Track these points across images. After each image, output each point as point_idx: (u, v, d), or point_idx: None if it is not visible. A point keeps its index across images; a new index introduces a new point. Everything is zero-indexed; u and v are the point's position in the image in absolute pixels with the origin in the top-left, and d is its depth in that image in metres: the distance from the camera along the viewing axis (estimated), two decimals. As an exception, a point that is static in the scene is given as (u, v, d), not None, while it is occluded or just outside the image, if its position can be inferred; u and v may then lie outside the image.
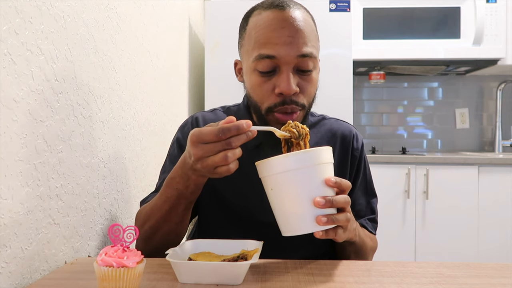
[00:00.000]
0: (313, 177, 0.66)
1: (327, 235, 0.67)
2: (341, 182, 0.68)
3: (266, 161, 0.67)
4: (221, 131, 0.64)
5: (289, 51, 0.77)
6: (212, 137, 0.64)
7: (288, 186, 0.66)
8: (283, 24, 0.77)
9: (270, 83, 0.79)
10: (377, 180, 1.05)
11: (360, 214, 0.94)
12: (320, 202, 0.64)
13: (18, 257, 0.65)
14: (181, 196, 0.75)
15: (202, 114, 0.96)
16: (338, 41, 2.04)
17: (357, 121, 2.81)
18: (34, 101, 0.68)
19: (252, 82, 0.81)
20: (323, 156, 0.68)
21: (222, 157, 0.64)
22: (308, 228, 0.66)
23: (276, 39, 0.77)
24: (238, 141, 0.64)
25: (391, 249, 2.18)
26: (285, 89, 0.77)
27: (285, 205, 0.67)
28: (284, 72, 0.77)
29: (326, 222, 0.65)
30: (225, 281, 0.64)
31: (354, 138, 0.95)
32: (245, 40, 0.83)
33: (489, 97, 2.80)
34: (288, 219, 0.68)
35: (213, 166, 0.66)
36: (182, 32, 1.84)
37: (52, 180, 0.74)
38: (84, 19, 0.86)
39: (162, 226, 0.79)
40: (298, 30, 0.77)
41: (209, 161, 0.65)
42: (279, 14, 0.78)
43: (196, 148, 0.66)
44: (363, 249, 0.86)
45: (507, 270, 0.73)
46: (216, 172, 0.66)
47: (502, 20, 2.35)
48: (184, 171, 0.72)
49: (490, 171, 2.20)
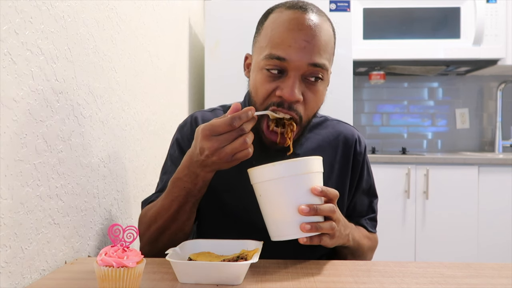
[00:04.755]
0: (300, 185, 0.69)
1: (312, 241, 0.70)
2: (327, 191, 0.70)
3: (256, 169, 0.71)
4: (234, 119, 0.67)
5: (301, 56, 0.74)
6: (225, 127, 0.68)
7: (275, 193, 0.70)
8: (301, 26, 0.75)
9: (273, 83, 0.77)
10: (377, 180, 1.05)
11: (362, 215, 0.97)
12: (304, 210, 0.67)
13: (18, 257, 0.65)
14: (189, 195, 0.77)
15: (201, 113, 0.96)
16: (338, 41, 2.02)
17: (357, 121, 2.81)
18: (34, 101, 0.68)
19: (256, 79, 0.79)
20: (311, 166, 0.70)
21: (241, 142, 0.68)
22: (293, 234, 0.69)
23: (291, 41, 0.74)
24: (249, 126, 0.69)
25: (391, 249, 2.18)
26: (288, 95, 0.74)
27: (272, 211, 0.71)
28: (291, 78, 0.75)
29: (309, 229, 0.68)
30: (225, 281, 0.64)
31: (357, 142, 0.95)
32: (261, 36, 0.80)
33: (489, 97, 2.80)
34: (275, 224, 0.71)
35: (232, 154, 0.69)
36: (182, 32, 1.84)
37: (52, 180, 0.74)
38: (84, 19, 0.85)
39: (170, 226, 0.80)
40: (315, 36, 0.75)
41: (227, 149, 0.68)
42: (299, 15, 0.76)
43: (211, 141, 0.68)
44: (359, 251, 0.88)
45: (507, 270, 0.73)
46: (235, 159, 0.69)
47: (502, 20, 2.35)
48: (192, 169, 0.74)
49: (490, 171, 2.20)
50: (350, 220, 0.91)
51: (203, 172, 0.73)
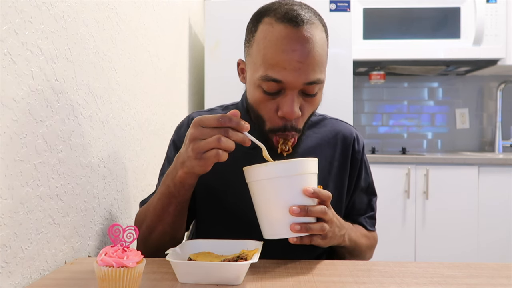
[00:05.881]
0: (293, 186, 0.70)
1: (302, 241, 0.71)
2: (319, 192, 0.70)
3: (251, 167, 0.71)
4: (223, 117, 0.68)
5: (297, 78, 0.74)
6: (212, 121, 0.68)
7: (268, 193, 0.70)
8: (294, 47, 0.73)
9: (274, 102, 0.77)
10: (377, 180, 1.06)
11: (360, 213, 0.98)
12: (294, 211, 0.68)
13: (18, 257, 0.65)
14: (171, 195, 0.77)
15: (198, 114, 0.97)
16: (338, 41, 2.04)
17: (357, 121, 2.81)
18: (34, 101, 0.68)
19: (256, 97, 0.79)
20: (305, 167, 0.71)
21: (215, 139, 0.67)
22: (284, 234, 0.70)
23: (285, 63, 0.73)
24: (234, 135, 0.68)
25: (391, 249, 2.18)
26: (288, 114, 0.75)
27: (265, 210, 0.72)
28: (289, 96, 0.75)
29: (299, 230, 0.69)
30: (225, 281, 0.64)
31: (355, 140, 0.95)
32: (253, 49, 0.78)
33: (489, 97, 2.80)
34: (267, 223, 0.72)
35: (204, 149, 0.68)
36: (182, 32, 1.84)
37: (52, 180, 0.74)
38: (84, 19, 0.85)
39: (156, 226, 0.81)
40: (309, 53, 0.74)
41: (202, 143, 0.68)
42: (291, 32, 0.73)
43: (195, 129, 0.69)
44: (356, 250, 0.89)
45: (507, 270, 0.73)
46: (205, 157, 0.68)
47: (502, 20, 2.35)
48: (175, 165, 0.75)
49: (490, 171, 2.20)
50: (349, 218, 0.92)
51: (181, 170, 0.73)
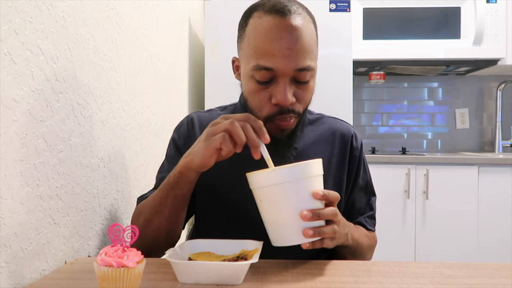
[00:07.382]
0: (300, 190, 0.68)
1: (314, 245, 0.70)
2: (328, 194, 0.70)
3: (255, 174, 0.70)
4: (248, 114, 0.72)
5: (287, 64, 0.76)
6: (238, 115, 0.72)
7: (276, 200, 0.68)
8: (282, 34, 0.75)
9: (267, 91, 0.79)
10: (377, 180, 1.05)
11: (360, 212, 0.97)
12: (307, 216, 0.67)
13: (18, 257, 0.65)
14: (169, 185, 0.79)
15: (197, 114, 0.97)
16: (338, 41, 2.04)
17: (357, 121, 2.81)
18: (34, 101, 0.68)
19: (249, 88, 0.81)
20: (310, 170, 0.69)
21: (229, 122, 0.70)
22: (296, 240, 0.69)
23: (275, 51, 0.75)
24: (250, 131, 0.70)
25: (391, 249, 2.18)
26: (282, 101, 0.77)
27: (273, 217, 0.70)
28: (281, 83, 0.77)
29: (312, 234, 0.68)
30: (225, 281, 0.64)
31: (353, 137, 0.96)
32: (244, 43, 0.81)
33: (489, 97, 2.80)
34: (276, 230, 0.70)
35: (215, 132, 0.71)
36: (182, 32, 1.84)
37: (52, 180, 0.74)
38: (84, 19, 0.85)
39: (153, 219, 0.82)
40: (297, 40, 0.76)
41: (216, 126, 0.72)
42: (279, 22, 0.76)
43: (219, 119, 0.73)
44: (358, 250, 0.88)
45: (507, 270, 0.73)
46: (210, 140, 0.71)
47: (502, 20, 2.35)
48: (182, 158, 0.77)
49: (490, 171, 2.20)
50: (349, 218, 0.92)
51: (183, 160, 0.75)
